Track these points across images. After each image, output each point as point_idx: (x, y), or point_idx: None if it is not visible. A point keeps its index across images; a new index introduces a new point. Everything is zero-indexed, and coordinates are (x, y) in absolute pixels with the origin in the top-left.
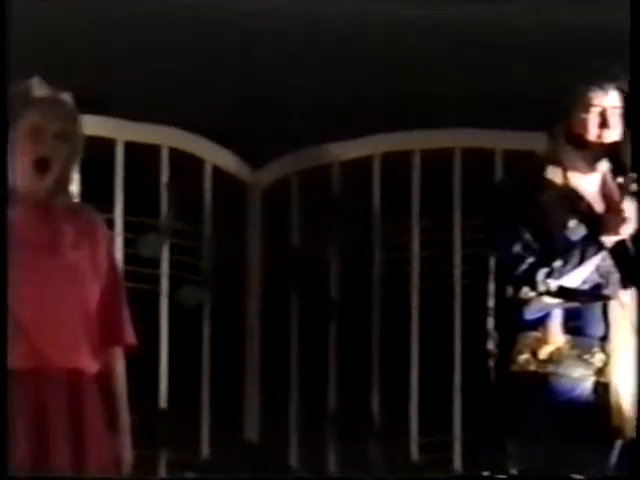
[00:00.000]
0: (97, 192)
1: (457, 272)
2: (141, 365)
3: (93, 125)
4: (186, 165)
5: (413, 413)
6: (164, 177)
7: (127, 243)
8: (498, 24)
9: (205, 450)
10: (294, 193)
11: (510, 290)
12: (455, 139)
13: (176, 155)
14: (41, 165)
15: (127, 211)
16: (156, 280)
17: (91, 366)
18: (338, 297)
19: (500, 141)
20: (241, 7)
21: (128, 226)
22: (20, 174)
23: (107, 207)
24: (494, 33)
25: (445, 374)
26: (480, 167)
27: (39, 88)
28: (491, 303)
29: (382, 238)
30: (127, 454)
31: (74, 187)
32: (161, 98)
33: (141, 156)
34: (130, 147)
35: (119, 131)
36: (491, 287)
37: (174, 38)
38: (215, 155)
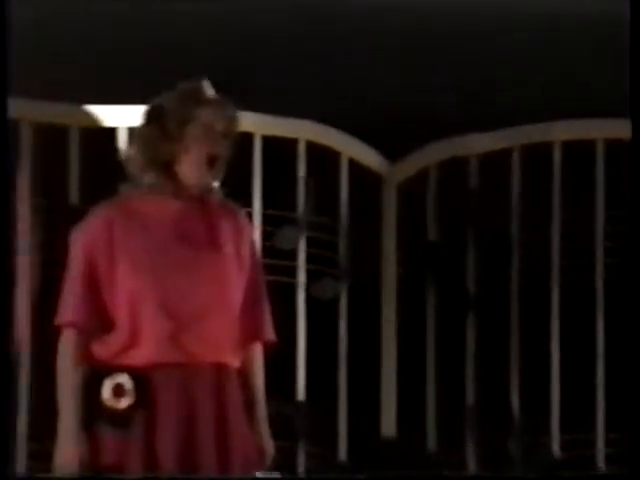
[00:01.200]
0: (235, 185)
1: (599, 266)
2: (279, 357)
3: None
4: (323, 158)
5: (554, 409)
6: (301, 170)
7: (265, 236)
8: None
9: (342, 443)
10: (431, 186)
11: None
12: (597, 130)
13: (313, 148)
14: (212, 162)
15: (265, 204)
16: (293, 273)
17: (234, 361)
18: (476, 291)
19: None
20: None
21: (266, 219)
22: (190, 170)
23: (245, 200)
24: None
25: (587, 370)
26: (624, 158)
27: (209, 89)
28: None
29: (521, 231)
30: (270, 446)
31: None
32: (299, 92)
33: (279, 149)
34: (268, 141)
35: (257, 125)
36: None
37: (313, 35)
38: (352, 148)
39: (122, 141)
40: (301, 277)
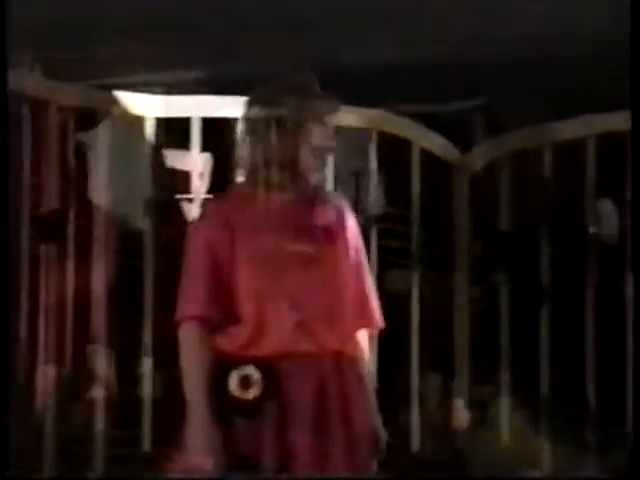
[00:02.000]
0: None
1: None
2: None
3: None
4: (395, 148)
5: (629, 401)
6: (373, 160)
7: None
8: None
9: (415, 433)
10: (504, 176)
11: None
12: None
13: (385, 138)
14: (327, 154)
15: None
16: None
17: (351, 348)
18: (549, 281)
19: None
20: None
21: None
22: (312, 165)
23: None
24: None
25: None
26: None
27: (315, 83)
28: None
29: (596, 222)
30: (382, 432)
31: None
32: (369, 81)
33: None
34: (340, 130)
35: None
36: None
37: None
38: (424, 138)
39: (195, 131)
40: (372, 268)
